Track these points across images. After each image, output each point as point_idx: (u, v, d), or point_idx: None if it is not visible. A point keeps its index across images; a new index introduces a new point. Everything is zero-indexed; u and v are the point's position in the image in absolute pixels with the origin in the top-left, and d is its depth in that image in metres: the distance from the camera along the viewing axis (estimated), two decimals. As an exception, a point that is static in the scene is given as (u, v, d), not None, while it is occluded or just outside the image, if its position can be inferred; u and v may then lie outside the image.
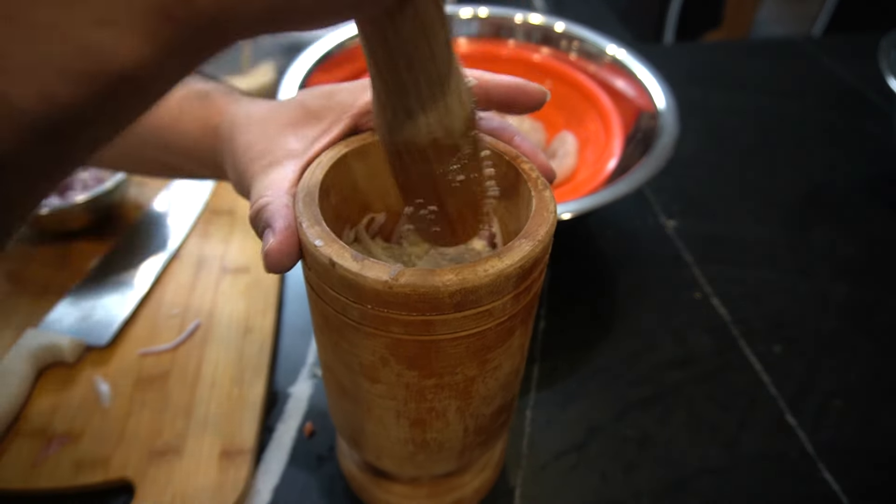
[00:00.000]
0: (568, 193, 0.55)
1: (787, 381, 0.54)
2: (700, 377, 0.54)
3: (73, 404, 0.47)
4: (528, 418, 0.50)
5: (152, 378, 0.49)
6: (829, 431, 0.51)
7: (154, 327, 0.53)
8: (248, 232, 0.62)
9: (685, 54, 1.08)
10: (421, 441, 0.34)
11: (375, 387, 0.31)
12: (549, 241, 0.28)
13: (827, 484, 0.47)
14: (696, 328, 0.59)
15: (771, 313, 0.61)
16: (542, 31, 0.73)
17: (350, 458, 0.45)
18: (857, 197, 0.76)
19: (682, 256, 0.66)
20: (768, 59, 1.03)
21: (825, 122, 0.88)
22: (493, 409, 0.34)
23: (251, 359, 0.51)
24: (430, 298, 0.25)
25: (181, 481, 0.43)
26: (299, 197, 0.29)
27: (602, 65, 0.69)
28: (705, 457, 0.49)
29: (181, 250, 0.60)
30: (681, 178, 0.76)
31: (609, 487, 0.46)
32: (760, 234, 0.70)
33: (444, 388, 0.30)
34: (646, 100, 0.63)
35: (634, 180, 0.52)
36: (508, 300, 0.28)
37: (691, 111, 0.75)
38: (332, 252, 0.26)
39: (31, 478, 0.43)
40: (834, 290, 0.63)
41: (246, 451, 0.45)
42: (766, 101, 0.92)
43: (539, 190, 0.30)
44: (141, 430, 0.46)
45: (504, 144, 0.32)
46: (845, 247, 0.69)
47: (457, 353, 0.28)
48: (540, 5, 1.15)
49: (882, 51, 0.72)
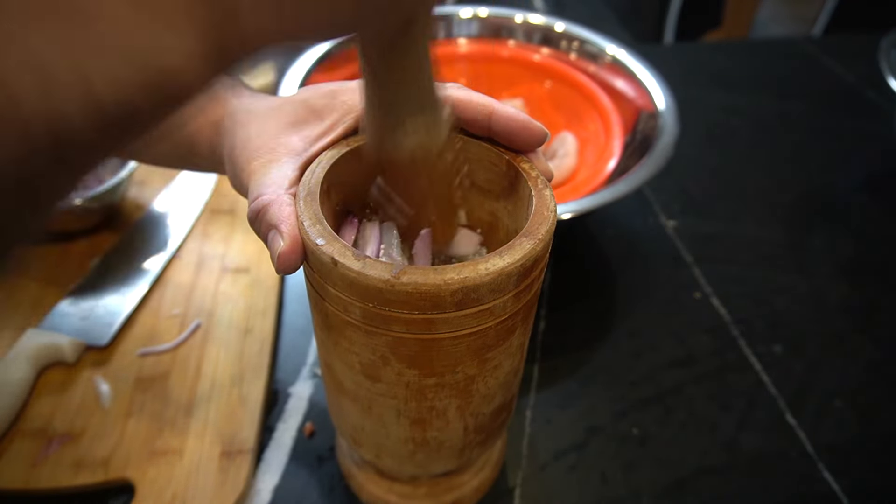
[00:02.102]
0: (568, 193, 0.55)
1: (787, 381, 0.54)
2: (700, 377, 0.54)
3: (73, 404, 0.47)
4: (527, 418, 0.50)
5: (152, 378, 0.49)
6: (829, 431, 0.51)
7: (154, 327, 0.53)
8: (248, 232, 0.62)
9: (685, 54, 1.08)
10: (421, 440, 0.34)
11: (376, 385, 0.31)
12: (549, 240, 0.28)
13: (827, 484, 0.47)
14: (696, 328, 0.59)
15: (771, 313, 0.61)
16: (542, 32, 0.73)
17: (350, 458, 0.45)
18: (857, 197, 0.76)
19: (682, 256, 0.66)
20: (768, 59, 1.04)
21: (825, 122, 0.88)
22: (493, 407, 0.34)
23: (251, 359, 0.51)
24: (431, 297, 0.25)
25: (181, 481, 0.43)
26: (300, 196, 0.29)
27: (602, 65, 0.69)
28: (705, 457, 0.49)
29: (181, 250, 0.60)
30: (681, 178, 0.76)
31: (609, 487, 0.46)
32: (760, 234, 0.70)
33: (445, 386, 0.30)
34: (646, 100, 0.63)
35: (634, 180, 0.52)
36: (509, 299, 0.28)
37: (691, 111, 0.75)
38: (334, 251, 0.26)
39: (31, 478, 0.43)
40: (834, 290, 0.63)
41: (246, 451, 0.45)
42: (766, 101, 0.92)
43: (539, 189, 0.30)
44: (141, 430, 0.46)
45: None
46: (845, 247, 0.69)
47: (457, 351, 0.29)
48: (540, 5, 1.15)
49: (882, 51, 0.72)
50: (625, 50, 0.69)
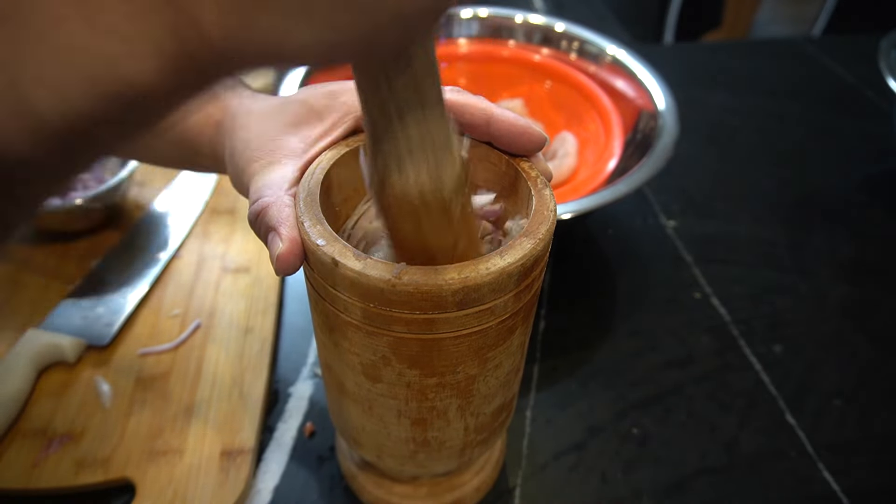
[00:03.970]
0: (568, 193, 0.55)
1: (787, 381, 0.54)
2: (700, 377, 0.54)
3: (74, 404, 0.47)
4: (527, 418, 0.50)
5: (153, 378, 0.49)
6: (829, 431, 0.51)
7: (154, 327, 0.53)
8: (248, 232, 0.62)
9: (685, 54, 1.08)
10: (422, 440, 0.34)
11: (377, 386, 0.31)
12: (549, 239, 0.28)
13: (827, 484, 0.47)
14: (696, 328, 0.59)
15: (771, 313, 0.61)
16: (543, 32, 0.73)
17: (350, 458, 0.45)
18: (857, 197, 0.76)
19: (682, 256, 0.66)
20: (768, 59, 1.04)
21: (825, 122, 0.88)
22: (493, 407, 0.34)
23: (251, 359, 0.51)
24: (432, 296, 0.26)
25: (182, 481, 0.43)
26: (300, 197, 0.29)
27: (602, 65, 0.69)
28: (705, 457, 0.49)
29: (181, 250, 0.61)
30: (681, 178, 0.76)
31: (609, 487, 0.46)
32: (760, 234, 0.70)
33: (446, 386, 0.30)
34: (646, 100, 0.63)
35: (634, 180, 0.52)
36: (510, 298, 0.28)
37: (691, 111, 0.75)
38: (334, 251, 0.26)
39: (31, 478, 0.43)
40: (834, 290, 0.63)
41: (246, 451, 0.45)
42: (766, 101, 0.92)
43: (539, 188, 0.30)
44: (141, 429, 0.46)
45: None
46: (845, 247, 0.69)
47: (458, 351, 0.29)
48: (540, 5, 1.15)
49: (882, 51, 0.72)
50: (625, 50, 0.69)
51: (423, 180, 0.25)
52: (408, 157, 0.24)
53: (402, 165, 0.25)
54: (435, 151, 0.25)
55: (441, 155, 0.25)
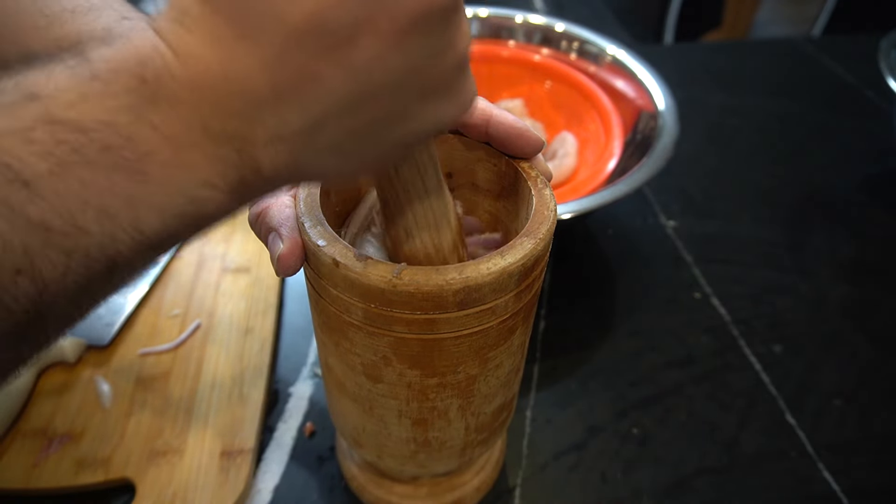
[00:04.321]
0: (568, 193, 0.55)
1: (787, 381, 0.54)
2: (700, 377, 0.54)
3: (74, 404, 0.47)
4: (527, 418, 0.50)
5: (153, 378, 0.49)
6: (829, 431, 0.51)
7: (154, 327, 0.53)
8: (248, 232, 0.62)
9: (685, 54, 1.08)
10: (422, 440, 0.34)
11: (377, 386, 0.31)
12: (549, 239, 0.28)
13: (827, 484, 0.47)
14: (696, 328, 0.59)
15: (771, 313, 0.61)
16: (543, 32, 0.73)
17: (350, 458, 0.45)
18: (857, 197, 0.76)
19: (682, 256, 0.66)
20: (768, 59, 1.04)
21: (825, 122, 0.88)
22: (494, 407, 0.34)
23: (251, 359, 0.51)
24: (433, 297, 0.26)
25: (182, 481, 0.43)
26: (300, 197, 0.29)
27: (602, 65, 0.69)
28: (705, 457, 0.49)
29: (182, 250, 0.60)
30: (681, 178, 0.76)
31: (609, 487, 0.46)
32: (760, 234, 0.70)
33: (446, 386, 0.30)
34: (646, 100, 0.63)
35: (634, 180, 0.52)
36: (510, 298, 0.28)
37: (691, 111, 0.75)
38: (335, 252, 0.26)
39: (31, 478, 0.43)
40: (834, 290, 0.63)
41: (246, 451, 0.45)
42: (766, 101, 0.92)
43: (539, 188, 0.30)
44: (141, 429, 0.46)
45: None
46: (845, 247, 0.69)
47: (459, 351, 0.29)
48: (540, 6, 1.15)
49: (882, 51, 0.73)
50: (625, 50, 0.69)
51: (427, 244, 0.30)
52: (414, 228, 0.29)
53: (410, 234, 0.30)
54: (436, 221, 0.30)
55: (441, 223, 0.30)
